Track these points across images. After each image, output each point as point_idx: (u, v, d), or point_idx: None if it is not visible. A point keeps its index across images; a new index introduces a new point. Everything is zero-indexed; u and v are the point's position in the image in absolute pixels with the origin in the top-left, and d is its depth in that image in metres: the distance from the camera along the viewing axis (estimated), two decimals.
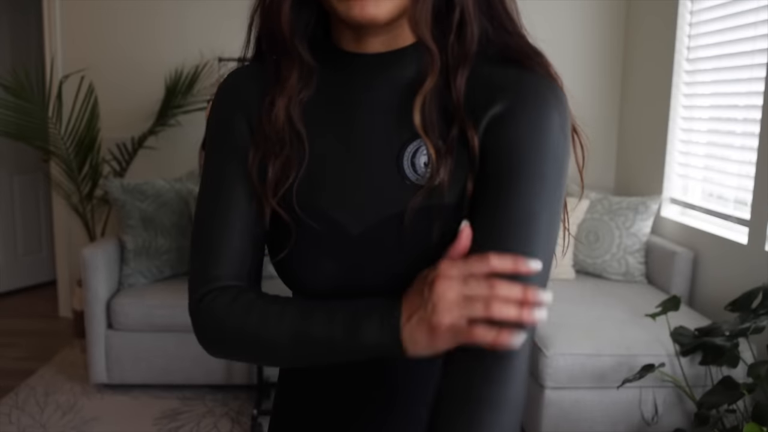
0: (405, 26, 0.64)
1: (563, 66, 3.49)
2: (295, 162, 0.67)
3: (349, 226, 0.66)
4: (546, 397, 2.25)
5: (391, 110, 0.66)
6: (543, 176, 0.61)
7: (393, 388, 0.72)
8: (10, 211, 4.22)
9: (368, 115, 0.67)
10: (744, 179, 2.56)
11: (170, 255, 2.99)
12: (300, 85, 0.67)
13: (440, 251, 0.62)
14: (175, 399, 2.78)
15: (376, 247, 0.65)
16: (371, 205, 0.66)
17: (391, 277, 0.65)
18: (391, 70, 0.67)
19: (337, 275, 0.67)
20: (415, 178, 0.65)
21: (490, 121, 0.63)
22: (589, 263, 3.09)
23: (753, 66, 2.51)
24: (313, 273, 0.67)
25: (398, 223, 0.64)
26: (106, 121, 3.52)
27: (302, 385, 0.78)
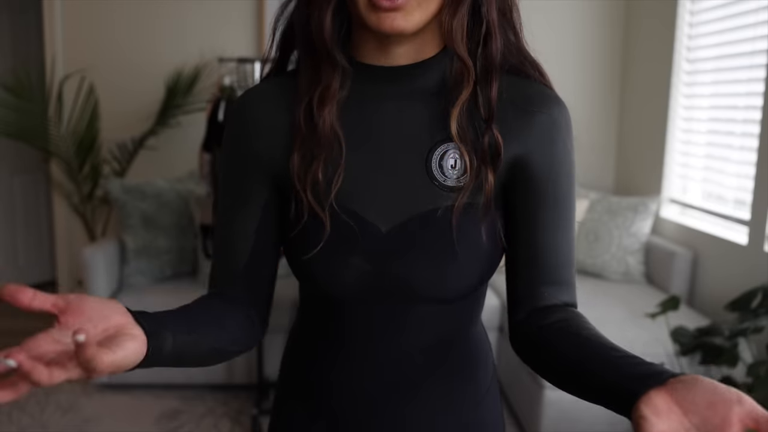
0: (427, 38, 0.70)
1: (563, 66, 3.52)
2: (336, 163, 0.71)
3: (379, 223, 0.71)
4: (546, 397, 2.26)
5: (417, 117, 0.72)
6: (572, 199, 0.75)
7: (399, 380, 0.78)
8: (11, 211, 4.23)
9: (396, 123, 0.72)
10: (744, 179, 2.57)
11: (171, 255, 3.00)
12: (341, 91, 0.71)
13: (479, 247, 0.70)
14: (175, 399, 2.78)
15: (406, 243, 0.70)
16: (400, 205, 0.71)
17: (418, 273, 0.70)
18: (416, 82, 0.71)
19: (367, 273, 0.71)
20: (443, 179, 0.70)
21: (527, 133, 0.72)
22: (588, 263, 3.09)
23: (753, 66, 2.51)
24: (343, 270, 0.71)
25: (427, 220, 0.70)
26: (107, 122, 3.52)
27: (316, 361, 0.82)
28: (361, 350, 0.77)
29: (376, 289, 0.72)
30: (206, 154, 2.46)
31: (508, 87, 0.72)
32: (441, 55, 0.71)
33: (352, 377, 0.78)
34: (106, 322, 0.55)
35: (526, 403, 2.42)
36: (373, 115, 0.72)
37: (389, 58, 0.70)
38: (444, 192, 0.70)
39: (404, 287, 0.71)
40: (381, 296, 0.73)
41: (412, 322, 0.75)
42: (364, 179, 0.71)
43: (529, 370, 2.38)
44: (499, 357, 2.86)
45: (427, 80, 0.72)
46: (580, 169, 3.70)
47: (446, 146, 0.71)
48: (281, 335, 2.80)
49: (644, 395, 0.54)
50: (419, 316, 0.75)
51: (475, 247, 0.71)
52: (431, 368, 0.78)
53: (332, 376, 0.79)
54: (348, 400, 0.79)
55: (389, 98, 0.72)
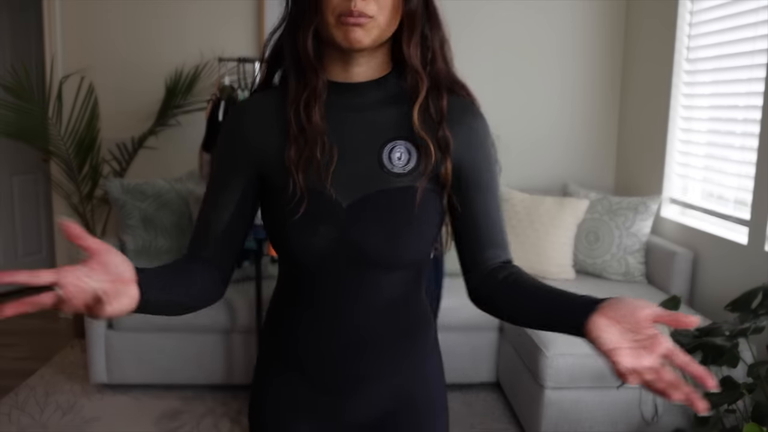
0: (379, 62, 0.94)
1: (563, 66, 3.51)
2: (320, 149, 0.91)
3: (341, 200, 0.91)
4: (546, 397, 2.25)
5: (370, 121, 0.94)
6: (497, 183, 0.99)
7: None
8: (10, 211, 4.22)
9: (354, 125, 0.94)
10: (744, 179, 2.57)
11: (170, 255, 2.99)
12: (324, 92, 0.92)
13: (417, 220, 0.91)
14: (175, 399, 2.78)
15: (360, 215, 0.90)
16: (357, 186, 0.91)
17: (372, 240, 0.90)
18: (369, 95, 0.94)
19: (332, 240, 0.91)
20: (391, 167, 0.92)
21: (463, 135, 0.94)
22: (589, 263, 3.09)
23: (753, 66, 2.51)
24: (312, 238, 0.90)
25: (377, 198, 0.91)
26: (106, 121, 3.52)
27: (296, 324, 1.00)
28: (326, 311, 0.96)
29: (339, 255, 0.91)
30: (206, 154, 2.46)
31: (450, 100, 0.95)
32: (389, 75, 0.95)
33: (319, 335, 0.96)
34: (117, 276, 0.72)
35: (526, 403, 2.42)
36: (336, 119, 0.93)
37: (350, 76, 0.93)
38: (391, 177, 0.92)
39: (360, 252, 0.91)
40: (343, 262, 0.92)
41: (369, 287, 0.94)
42: (333, 166, 0.92)
43: (529, 370, 2.38)
44: (499, 357, 2.86)
45: (378, 94, 0.94)
46: (581, 169, 3.70)
47: (394, 143, 0.93)
48: None
49: (588, 321, 0.77)
50: (375, 281, 0.94)
51: (422, 221, 0.92)
52: (385, 327, 0.97)
53: (300, 333, 0.98)
54: (314, 354, 0.97)
55: (349, 107, 0.94)
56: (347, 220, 0.90)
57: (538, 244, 3.07)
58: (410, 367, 1.01)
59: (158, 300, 0.82)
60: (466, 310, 2.78)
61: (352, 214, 0.90)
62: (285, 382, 1.02)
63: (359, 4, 0.84)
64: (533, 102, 3.64)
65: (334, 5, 0.86)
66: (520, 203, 3.19)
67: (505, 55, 3.60)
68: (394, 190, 0.91)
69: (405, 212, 0.91)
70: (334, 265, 0.92)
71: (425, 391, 1.03)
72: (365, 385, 0.99)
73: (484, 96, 2.89)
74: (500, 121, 3.64)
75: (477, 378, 2.88)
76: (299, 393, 1.01)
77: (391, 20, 0.89)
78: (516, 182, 3.63)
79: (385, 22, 0.88)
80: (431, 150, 0.91)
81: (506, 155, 3.76)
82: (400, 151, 0.93)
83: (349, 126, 0.93)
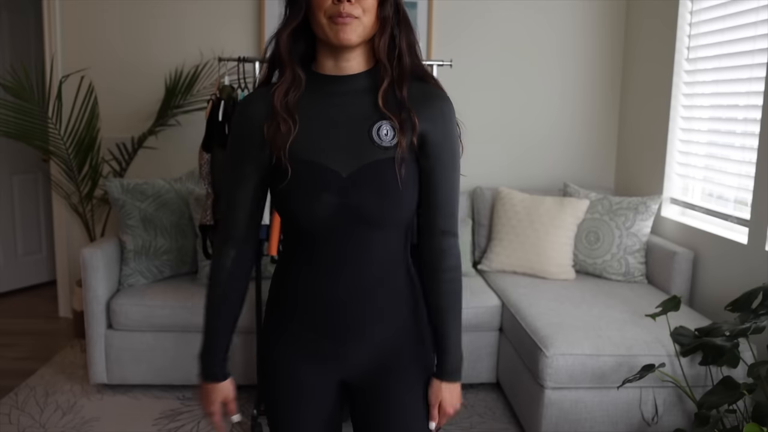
0: (363, 59, 1.13)
1: (564, 66, 3.52)
2: (297, 127, 1.10)
3: (341, 170, 1.09)
4: (546, 397, 2.25)
5: (359, 105, 1.12)
6: (457, 160, 1.18)
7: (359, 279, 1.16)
8: (10, 211, 4.22)
9: (346, 109, 1.12)
10: (744, 179, 2.56)
11: (170, 255, 2.99)
12: (293, 85, 1.12)
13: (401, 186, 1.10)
14: (175, 399, 2.78)
15: (360, 182, 1.08)
16: (354, 158, 1.09)
17: (370, 201, 1.08)
18: (356, 84, 1.13)
19: (334, 205, 1.08)
20: (380, 142, 1.10)
21: (428, 117, 1.12)
22: (589, 263, 3.09)
23: (753, 66, 2.51)
24: (315, 204, 1.08)
25: (371, 168, 1.09)
26: (106, 121, 3.52)
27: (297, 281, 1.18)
28: (327, 267, 1.13)
29: (339, 217, 1.09)
30: (206, 153, 2.46)
31: (417, 88, 1.14)
32: (372, 69, 1.14)
33: (321, 288, 1.14)
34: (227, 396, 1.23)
35: (526, 403, 2.42)
36: (330, 105, 1.12)
37: (340, 70, 1.12)
38: (380, 150, 1.10)
39: (357, 213, 1.08)
40: (343, 223, 1.09)
41: (364, 245, 1.12)
42: (327, 144, 1.10)
43: (529, 370, 2.38)
44: (499, 357, 2.85)
45: (363, 84, 1.13)
46: (581, 169, 3.70)
47: (381, 122, 1.11)
48: None
49: (433, 378, 1.23)
50: (369, 239, 1.12)
51: (405, 186, 1.10)
52: (379, 280, 1.15)
53: (304, 288, 1.15)
54: (318, 305, 1.15)
55: (341, 95, 1.12)
56: (348, 188, 1.08)
57: (538, 244, 3.07)
58: (401, 313, 1.20)
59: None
60: (466, 310, 2.77)
61: (351, 182, 1.08)
62: (291, 330, 1.18)
63: (347, 7, 1.03)
64: (533, 102, 3.64)
65: (325, 8, 1.04)
66: (520, 203, 3.19)
67: (506, 55, 3.60)
68: (384, 160, 1.09)
69: (394, 178, 1.09)
70: (335, 226, 1.09)
71: (415, 332, 1.23)
72: (363, 329, 1.16)
73: (484, 95, 2.90)
74: (500, 120, 3.64)
75: (477, 378, 2.88)
76: (303, 338, 1.18)
77: (373, 22, 1.08)
78: (516, 182, 3.63)
79: (368, 22, 1.07)
80: (413, 124, 1.10)
81: (506, 155, 3.79)
82: (387, 128, 1.10)
83: (340, 110, 1.12)
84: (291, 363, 1.19)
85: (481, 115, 3.61)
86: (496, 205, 3.28)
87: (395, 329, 1.19)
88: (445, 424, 1.09)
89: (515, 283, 2.95)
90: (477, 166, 3.62)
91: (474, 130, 3.63)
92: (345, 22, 1.03)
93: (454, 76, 3.28)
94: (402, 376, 1.21)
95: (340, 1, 1.03)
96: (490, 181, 3.61)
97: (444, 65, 2.53)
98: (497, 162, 3.65)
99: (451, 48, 3.55)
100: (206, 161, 2.45)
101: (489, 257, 3.22)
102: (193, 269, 3.09)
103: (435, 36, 3.54)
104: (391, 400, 1.20)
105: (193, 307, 2.73)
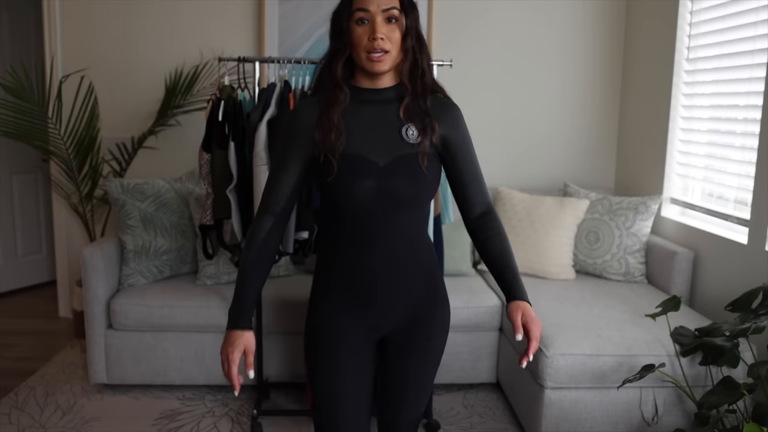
0: (390, 76, 1.43)
1: (564, 66, 3.51)
2: (343, 135, 1.39)
3: (378, 161, 1.38)
4: (546, 397, 2.25)
5: (391, 112, 1.43)
6: (474, 153, 1.51)
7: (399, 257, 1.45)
8: (10, 211, 4.22)
9: (381, 115, 1.43)
10: (744, 179, 2.56)
11: (170, 255, 2.99)
12: (342, 101, 1.41)
13: (426, 173, 1.39)
14: (175, 399, 2.78)
15: (394, 170, 1.38)
16: (389, 152, 1.39)
17: (402, 184, 1.37)
18: (387, 95, 1.43)
19: (373, 188, 1.37)
20: (408, 139, 1.40)
21: (447, 123, 1.45)
22: (589, 263, 3.09)
23: (753, 66, 2.51)
24: (360, 188, 1.36)
25: (402, 159, 1.38)
26: (106, 121, 3.52)
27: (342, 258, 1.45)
28: (364, 243, 1.40)
29: (377, 199, 1.37)
30: (206, 153, 2.45)
31: (433, 100, 1.45)
32: (398, 85, 1.43)
33: (358, 262, 1.41)
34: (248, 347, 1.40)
35: (526, 403, 2.42)
36: (368, 111, 1.43)
37: (374, 85, 1.43)
38: (408, 146, 1.40)
39: (393, 195, 1.37)
40: (378, 205, 1.37)
41: (394, 223, 1.40)
42: (367, 142, 1.39)
43: (530, 370, 2.38)
44: (499, 357, 2.85)
45: (392, 95, 1.43)
46: (581, 169, 3.70)
47: (408, 125, 1.41)
48: (281, 336, 2.79)
49: (510, 302, 1.41)
50: (398, 219, 1.40)
51: (428, 173, 1.39)
52: (408, 253, 1.44)
53: (344, 262, 1.43)
54: (356, 274, 1.42)
55: (376, 103, 1.43)
56: (384, 175, 1.37)
57: (538, 244, 3.07)
58: (423, 280, 1.47)
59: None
60: (466, 310, 2.77)
61: (387, 171, 1.37)
62: (333, 296, 1.45)
63: (380, 43, 1.33)
64: (533, 102, 3.64)
65: (364, 45, 1.35)
66: (520, 203, 3.19)
67: (506, 54, 3.60)
68: (411, 154, 1.39)
69: (419, 167, 1.38)
70: (371, 207, 1.37)
71: (436, 299, 1.51)
72: (393, 294, 1.44)
73: (484, 95, 2.89)
74: (500, 120, 3.64)
75: (477, 378, 2.88)
76: (344, 302, 1.44)
77: (399, 52, 1.38)
78: (516, 182, 3.63)
79: (396, 53, 1.37)
80: (433, 128, 1.41)
81: (506, 155, 3.78)
82: (412, 130, 1.41)
83: (376, 114, 1.42)
84: (333, 320, 1.45)
85: (481, 115, 3.61)
86: (496, 205, 3.28)
87: (419, 293, 1.47)
88: (533, 351, 1.34)
89: None
90: None
91: (474, 130, 3.60)
92: (379, 59, 1.35)
93: (454, 76, 3.28)
94: (425, 329, 1.49)
95: (374, 39, 1.33)
96: (490, 181, 3.61)
97: (444, 65, 2.53)
98: (497, 162, 3.65)
99: (451, 48, 3.55)
100: (206, 161, 2.45)
101: None
102: (193, 269, 3.09)
103: (435, 36, 3.54)
104: (416, 347, 1.49)
105: (193, 307, 2.73)
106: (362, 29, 1.34)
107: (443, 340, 1.54)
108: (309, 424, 2.57)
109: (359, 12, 1.34)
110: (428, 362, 1.52)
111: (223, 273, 2.94)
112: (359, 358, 1.46)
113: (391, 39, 1.34)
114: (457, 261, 3.11)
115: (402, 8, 1.36)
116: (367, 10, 1.33)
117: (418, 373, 1.52)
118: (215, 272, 2.93)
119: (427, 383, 1.56)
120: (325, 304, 1.46)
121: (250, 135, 2.34)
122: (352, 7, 1.36)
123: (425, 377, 1.54)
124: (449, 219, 2.56)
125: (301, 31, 3.49)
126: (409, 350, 1.50)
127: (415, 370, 1.51)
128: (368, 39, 1.33)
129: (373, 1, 1.33)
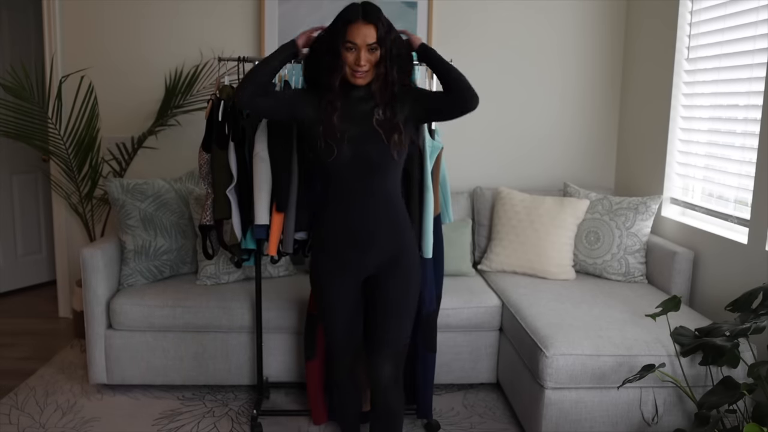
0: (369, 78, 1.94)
1: (564, 66, 3.52)
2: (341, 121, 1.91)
3: (354, 133, 1.88)
4: (546, 397, 2.25)
5: (366, 103, 1.95)
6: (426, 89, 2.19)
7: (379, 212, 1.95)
8: (10, 211, 4.22)
9: (358, 105, 1.94)
10: (744, 179, 2.56)
11: (170, 255, 2.99)
12: (339, 103, 1.92)
13: (386, 142, 1.90)
14: (175, 399, 2.78)
15: (365, 140, 1.88)
16: (362, 127, 1.90)
17: (373, 151, 1.88)
18: (363, 90, 1.95)
19: (350, 151, 1.86)
20: (379, 118, 1.91)
21: (410, 100, 1.98)
22: (589, 263, 3.09)
23: (753, 66, 2.50)
24: (340, 151, 1.86)
25: (373, 133, 1.90)
26: (106, 121, 3.52)
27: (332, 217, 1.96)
28: (349, 201, 1.90)
29: (353, 164, 1.87)
30: (205, 153, 2.45)
31: (400, 89, 1.95)
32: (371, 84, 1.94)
33: (345, 220, 1.92)
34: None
35: (526, 403, 2.42)
36: (350, 99, 1.94)
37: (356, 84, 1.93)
38: (378, 122, 1.90)
39: (367, 160, 1.87)
40: (356, 169, 1.88)
41: (372, 187, 1.90)
42: (348, 121, 1.90)
43: (529, 370, 2.38)
44: (499, 357, 2.85)
45: (368, 90, 1.93)
46: (581, 169, 3.70)
47: (377, 108, 1.92)
48: (281, 335, 2.79)
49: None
50: (374, 183, 1.90)
51: (390, 144, 1.88)
52: (384, 212, 1.93)
53: (334, 221, 1.93)
54: (345, 227, 1.92)
55: (357, 96, 1.95)
56: (359, 143, 1.87)
57: (538, 244, 3.07)
58: (398, 235, 1.96)
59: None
60: (466, 310, 2.77)
61: (361, 140, 1.87)
62: (328, 247, 1.96)
63: (362, 67, 1.86)
64: (533, 102, 3.64)
65: (350, 64, 1.87)
66: (520, 203, 3.19)
67: (506, 54, 3.60)
68: (378, 129, 1.89)
69: (382, 138, 1.89)
70: (352, 171, 1.87)
71: (409, 247, 2.00)
72: (375, 241, 1.92)
73: (484, 95, 2.92)
74: (500, 120, 3.64)
75: (477, 378, 2.87)
76: (337, 250, 1.94)
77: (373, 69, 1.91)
78: (516, 182, 3.63)
79: (372, 69, 1.89)
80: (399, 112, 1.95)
81: (506, 155, 3.78)
82: (380, 112, 1.92)
83: (356, 102, 1.94)
84: (329, 271, 1.97)
85: (481, 115, 3.60)
86: (496, 206, 3.28)
87: (395, 240, 1.95)
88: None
89: (515, 283, 2.95)
90: (477, 166, 3.62)
91: (474, 130, 3.63)
92: (360, 76, 1.88)
93: None
94: (401, 266, 1.96)
95: (359, 64, 1.86)
96: (490, 181, 3.61)
97: None
98: (497, 162, 3.65)
99: (450, 47, 3.54)
100: (206, 161, 2.45)
101: (489, 257, 3.22)
102: (193, 269, 3.09)
103: (435, 36, 3.54)
104: (397, 279, 1.96)
105: (193, 307, 2.73)
106: (351, 54, 1.87)
107: (416, 274, 2.01)
108: (309, 424, 2.57)
109: (349, 43, 1.86)
110: (405, 282, 1.97)
111: (223, 273, 2.94)
112: (348, 285, 1.97)
113: (370, 61, 1.87)
114: (457, 261, 3.11)
115: (379, 42, 1.86)
116: (356, 43, 1.85)
117: (398, 294, 1.96)
118: (215, 272, 2.93)
119: (408, 306, 1.99)
120: (324, 255, 1.97)
121: (250, 135, 2.34)
122: (345, 38, 1.86)
123: (404, 300, 1.97)
124: (449, 219, 2.56)
125: (301, 31, 3.48)
126: (386, 276, 1.96)
127: (394, 290, 1.96)
128: (354, 61, 1.86)
129: (360, 37, 1.84)
